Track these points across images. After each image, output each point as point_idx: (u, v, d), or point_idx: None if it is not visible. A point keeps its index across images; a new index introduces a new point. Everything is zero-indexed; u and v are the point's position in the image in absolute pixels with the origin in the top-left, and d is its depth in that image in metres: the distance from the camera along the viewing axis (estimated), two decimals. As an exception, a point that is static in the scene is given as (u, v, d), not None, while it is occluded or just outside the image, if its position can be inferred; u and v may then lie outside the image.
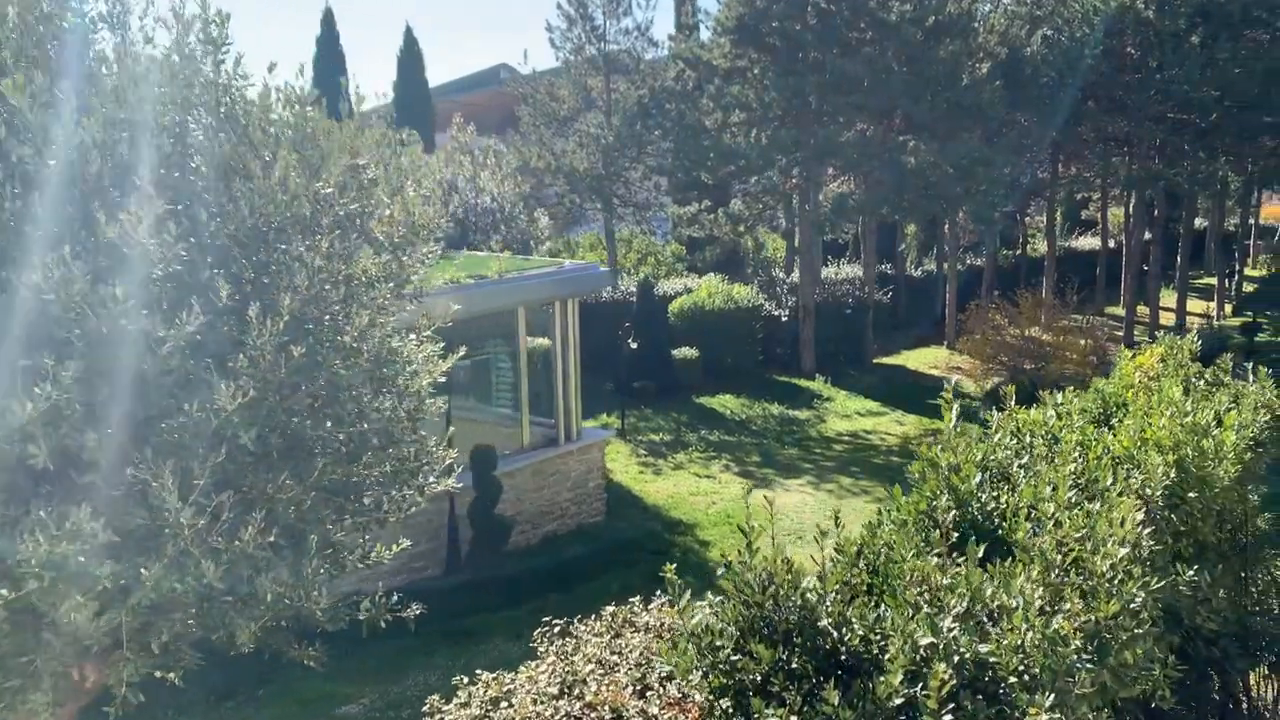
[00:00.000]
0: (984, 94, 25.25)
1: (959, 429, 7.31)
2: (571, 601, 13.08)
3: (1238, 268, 40.24)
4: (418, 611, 5.49)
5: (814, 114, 25.35)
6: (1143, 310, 35.90)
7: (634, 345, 21.81)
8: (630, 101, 26.67)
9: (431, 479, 5.19)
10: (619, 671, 7.06)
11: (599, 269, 15.07)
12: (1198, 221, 47.38)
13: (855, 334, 29.65)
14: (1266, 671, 8.13)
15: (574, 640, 7.74)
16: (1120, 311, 37.71)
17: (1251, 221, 51.29)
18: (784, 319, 29.02)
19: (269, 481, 4.08)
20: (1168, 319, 35.70)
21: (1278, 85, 29.64)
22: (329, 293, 4.24)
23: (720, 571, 4.32)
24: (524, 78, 28.44)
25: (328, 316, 4.26)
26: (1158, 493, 5.60)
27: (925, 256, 40.74)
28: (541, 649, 7.63)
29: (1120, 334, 34.44)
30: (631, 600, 6.64)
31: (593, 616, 7.32)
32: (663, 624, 6.89)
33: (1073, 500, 4.85)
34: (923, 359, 30.85)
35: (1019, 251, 41.66)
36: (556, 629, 7.59)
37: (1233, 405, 7.68)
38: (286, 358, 3.89)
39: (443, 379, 5.17)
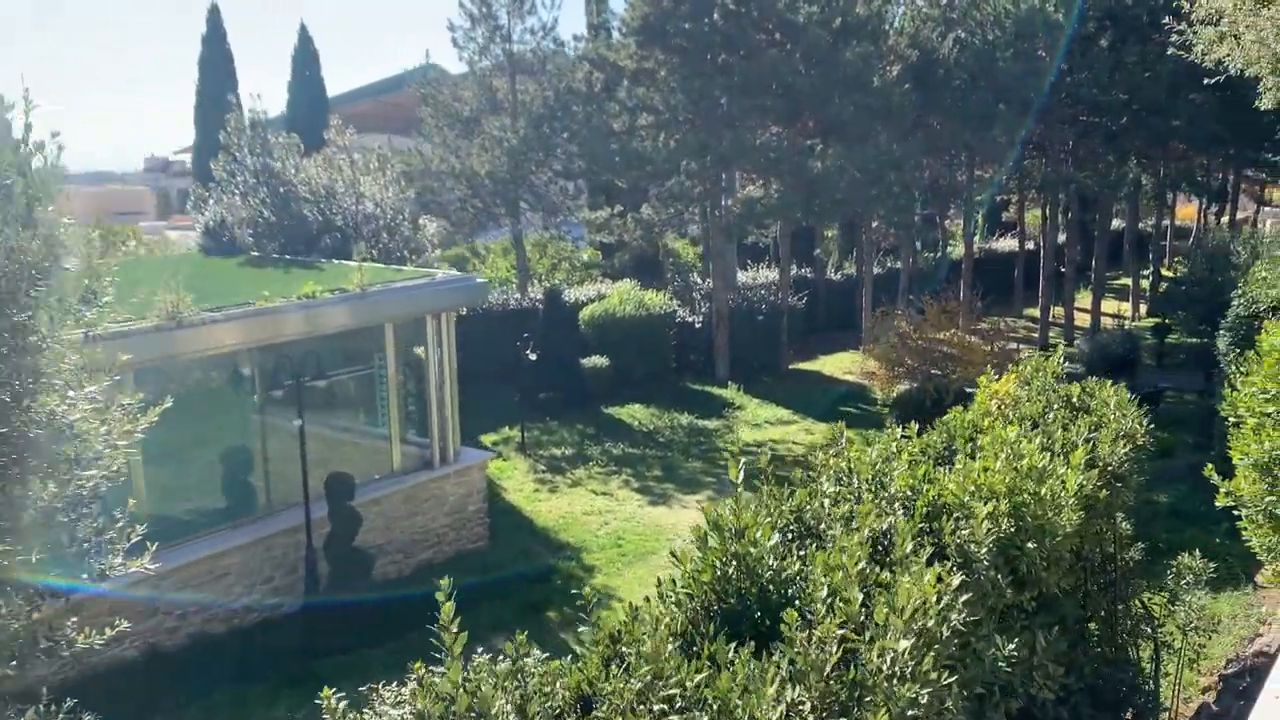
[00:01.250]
0: (894, 96, 24.93)
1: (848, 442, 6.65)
2: (436, 638, 12.23)
3: (1153, 269, 40.75)
4: (90, 722, 4.61)
5: (723, 117, 24.78)
6: (1060, 312, 36.16)
7: (533, 356, 20.96)
8: (536, 103, 25.84)
9: (118, 560, 4.37)
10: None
11: (476, 280, 14.23)
12: (1117, 223, 48.07)
13: (770, 340, 29.18)
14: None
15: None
16: (1039, 313, 37.89)
17: (1167, 223, 52.23)
18: (698, 326, 28.44)
19: None
20: (1085, 320, 35.99)
21: (1184, 89, 29.88)
22: None
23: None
24: (428, 79, 27.39)
25: None
26: (983, 550, 4.98)
27: (846, 260, 40.57)
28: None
29: (1036, 336, 34.63)
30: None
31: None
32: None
33: (865, 573, 4.19)
34: (839, 364, 30.52)
35: (939, 254, 41.71)
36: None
37: (1093, 434, 7.16)
38: None
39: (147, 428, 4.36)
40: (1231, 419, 8.68)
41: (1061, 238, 37.73)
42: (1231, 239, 24.53)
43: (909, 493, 5.51)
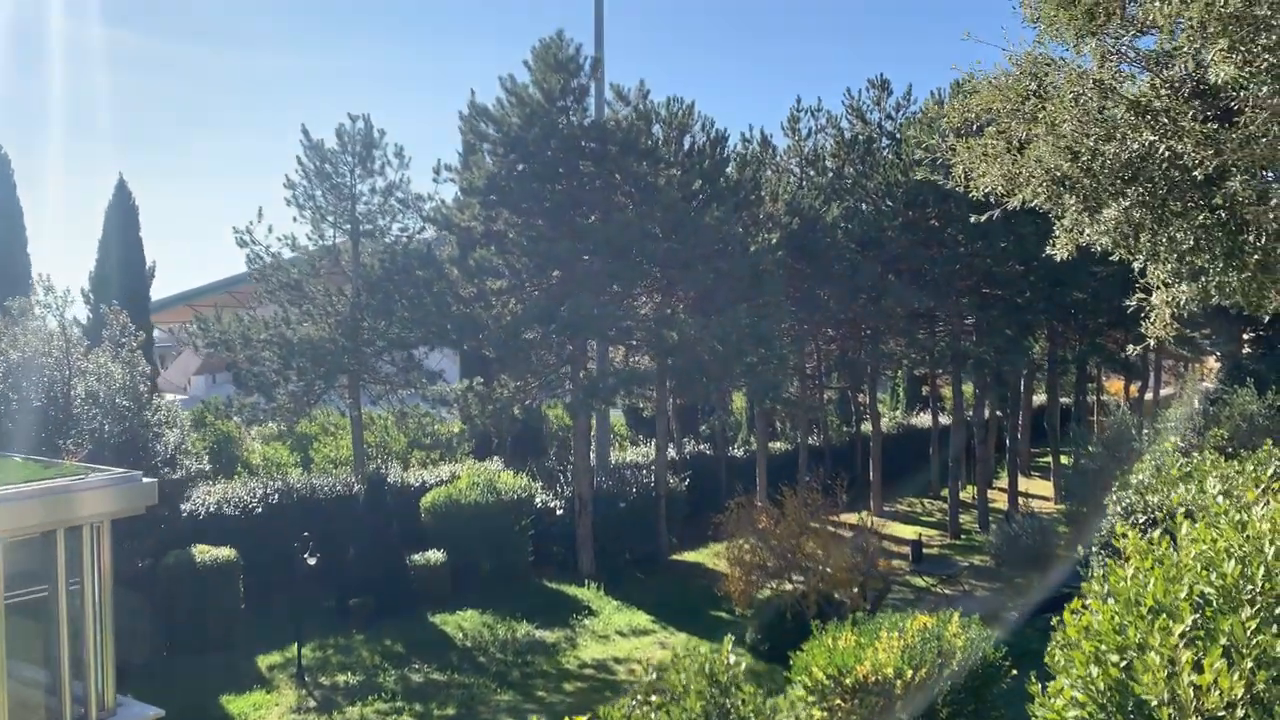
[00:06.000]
0: (763, 264, 22.81)
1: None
2: None
3: (1074, 448, 38.34)
4: None
5: (576, 282, 22.41)
6: (996, 492, 33.41)
7: (311, 560, 17.46)
8: (375, 267, 23.41)
9: None
10: None
11: (137, 480, 11.04)
12: (1044, 398, 46.15)
13: (646, 527, 25.89)
14: None
15: None
16: (965, 495, 35.07)
17: (1093, 398, 50.56)
18: (559, 512, 25.15)
19: None
20: (1005, 499, 33.22)
21: (1085, 262, 28.35)
22: None
23: None
24: (266, 254, 24.65)
25: None
26: None
27: (753, 434, 37.89)
28: None
29: (949, 521, 31.64)
30: None
31: None
32: None
33: None
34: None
35: (851, 429, 39.22)
36: None
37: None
38: None
39: None
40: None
41: (984, 414, 35.47)
42: (1135, 420, 22.13)
43: None
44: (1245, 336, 38.62)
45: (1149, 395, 45.89)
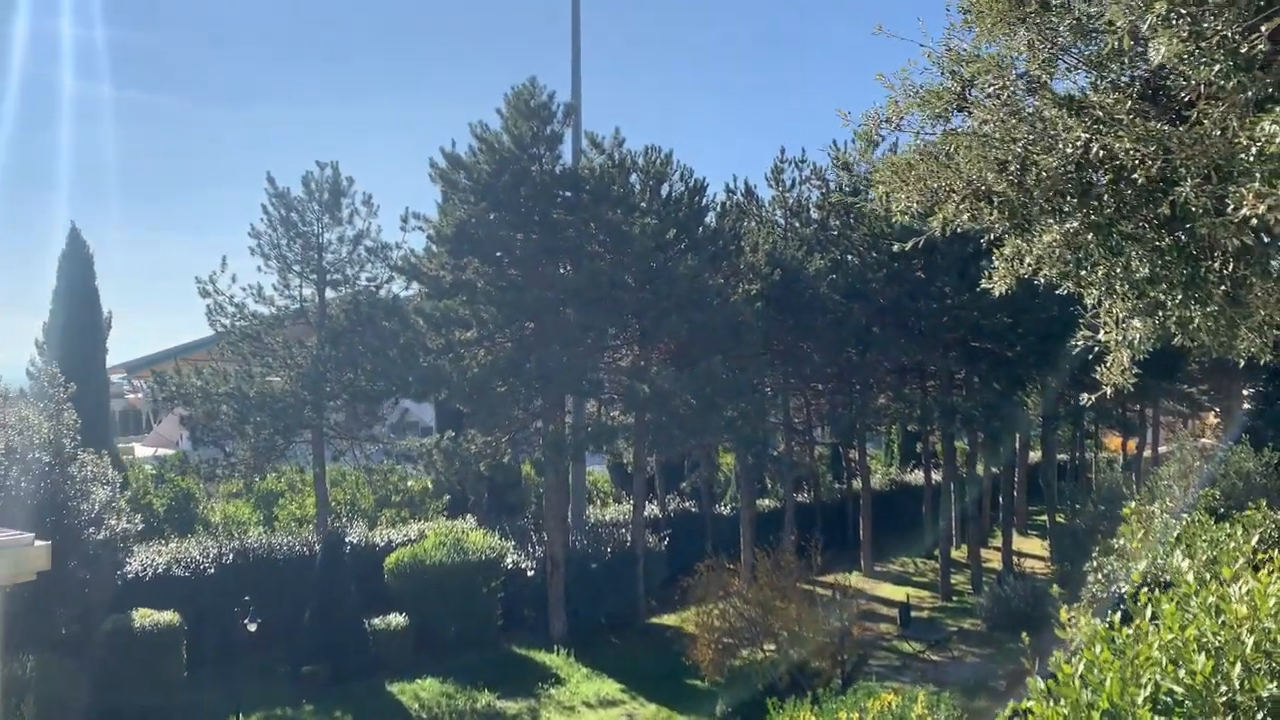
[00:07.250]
0: (742, 315, 22.09)
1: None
2: None
3: (1069, 505, 37.28)
4: None
5: (547, 333, 21.67)
6: (991, 552, 32.32)
7: (251, 627, 16.43)
8: (340, 316, 22.74)
9: None
10: None
11: (28, 541, 10.19)
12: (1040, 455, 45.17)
13: (623, 589, 24.80)
14: None
15: None
16: (959, 555, 34.04)
17: (1091, 456, 49.58)
18: (530, 573, 24.08)
19: None
20: (999, 558, 32.09)
21: (1077, 315, 27.63)
22: None
23: None
24: (230, 304, 23.99)
25: None
26: None
27: (739, 491, 36.84)
28: None
29: (940, 582, 30.50)
30: None
31: None
32: None
33: None
34: (707, 619, 25.97)
35: (843, 486, 38.19)
36: None
37: None
38: None
39: None
40: None
41: (978, 471, 34.55)
42: (1126, 478, 21.20)
43: None
44: (1245, 392, 37.74)
45: (1147, 452, 44.86)
